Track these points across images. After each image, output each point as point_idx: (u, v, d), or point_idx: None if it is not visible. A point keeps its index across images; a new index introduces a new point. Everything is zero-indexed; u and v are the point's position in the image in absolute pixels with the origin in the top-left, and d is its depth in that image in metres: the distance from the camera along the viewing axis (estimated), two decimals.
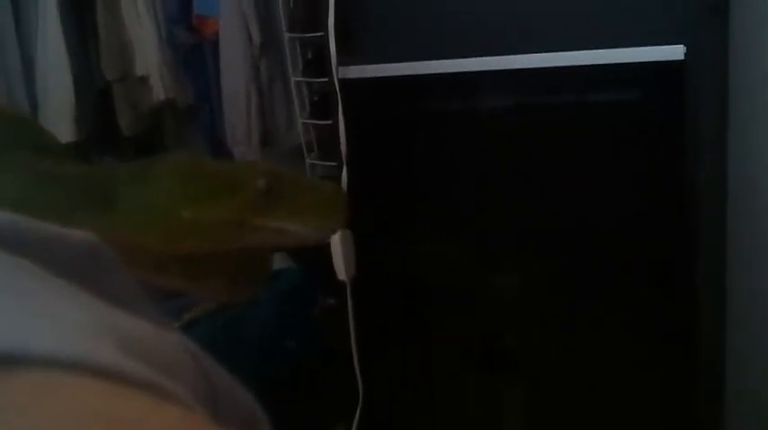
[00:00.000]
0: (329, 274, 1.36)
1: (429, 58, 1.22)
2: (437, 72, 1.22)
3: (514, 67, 1.16)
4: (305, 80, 1.55)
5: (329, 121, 1.37)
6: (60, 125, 1.77)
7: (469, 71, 1.20)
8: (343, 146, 1.31)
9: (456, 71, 1.21)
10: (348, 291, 1.36)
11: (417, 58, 1.23)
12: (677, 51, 1.05)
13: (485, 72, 1.19)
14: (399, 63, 1.25)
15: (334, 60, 1.28)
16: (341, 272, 1.34)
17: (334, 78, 1.29)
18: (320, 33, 1.31)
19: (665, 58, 1.06)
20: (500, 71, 1.17)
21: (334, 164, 1.39)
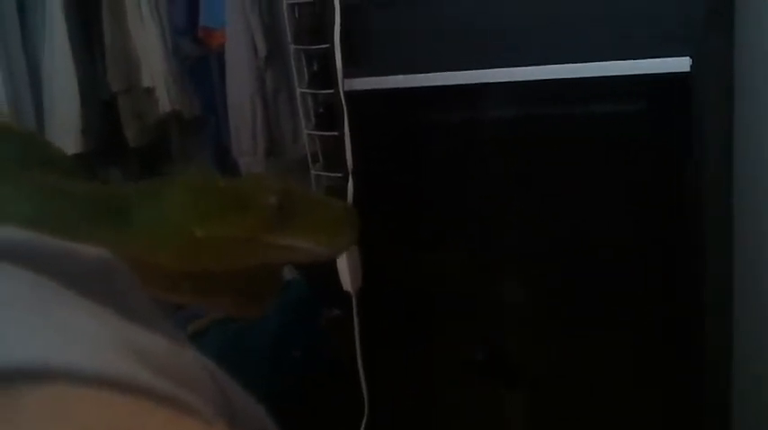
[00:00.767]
0: (335, 285, 1.36)
1: (435, 71, 1.22)
2: (443, 84, 1.22)
3: (519, 80, 1.16)
4: (310, 92, 1.55)
5: (334, 133, 1.37)
6: (67, 137, 1.79)
7: (474, 83, 1.20)
8: (349, 157, 1.31)
9: (461, 83, 1.21)
10: (354, 302, 1.37)
11: (423, 71, 1.23)
12: (683, 63, 1.05)
13: (490, 84, 1.19)
14: (405, 75, 1.25)
15: (339, 72, 1.28)
16: (347, 283, 1.34)
17: (340, 90, 1.29)
18: (326, 45, 1.32)
19: (670, 70, 1.06)
20: (505, 83, 1.18)
21: (339, 175, 1.39)
